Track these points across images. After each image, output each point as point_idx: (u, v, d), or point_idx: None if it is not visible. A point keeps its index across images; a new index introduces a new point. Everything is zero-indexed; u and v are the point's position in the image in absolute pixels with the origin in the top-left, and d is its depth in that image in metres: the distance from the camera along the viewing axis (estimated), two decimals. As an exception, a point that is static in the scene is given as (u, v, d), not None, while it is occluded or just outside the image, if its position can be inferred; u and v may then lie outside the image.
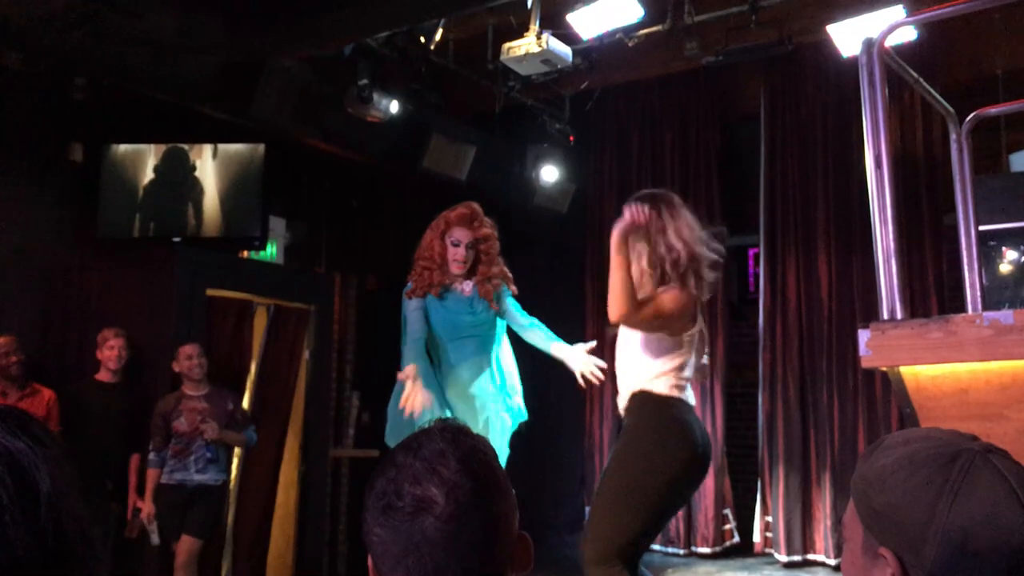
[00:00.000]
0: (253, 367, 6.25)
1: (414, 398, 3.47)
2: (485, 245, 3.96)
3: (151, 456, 5.10)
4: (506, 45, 5.47)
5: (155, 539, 5.02)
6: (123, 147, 5.97)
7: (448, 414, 3.86)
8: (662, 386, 3.05)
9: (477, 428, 3.74)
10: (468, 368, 3.91)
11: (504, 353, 4.11)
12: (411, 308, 3.94)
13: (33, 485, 0.78)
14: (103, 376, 5.30)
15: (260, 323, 6.34)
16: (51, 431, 0.89)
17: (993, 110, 3.39)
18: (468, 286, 3.93)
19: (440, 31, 5.79)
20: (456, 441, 1.12)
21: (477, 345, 3.94)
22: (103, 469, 5.12)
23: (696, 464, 3.03)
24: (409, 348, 3.87)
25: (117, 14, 4.65)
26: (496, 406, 3.98)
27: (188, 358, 5.22)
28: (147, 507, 5.04)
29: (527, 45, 5.37)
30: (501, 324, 4.06)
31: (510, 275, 4.08)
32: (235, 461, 5.85)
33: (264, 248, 6.37)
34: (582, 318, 7.51)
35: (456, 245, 3.88)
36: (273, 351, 6.35)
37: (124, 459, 5.24)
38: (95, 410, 5.18)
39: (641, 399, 3.08)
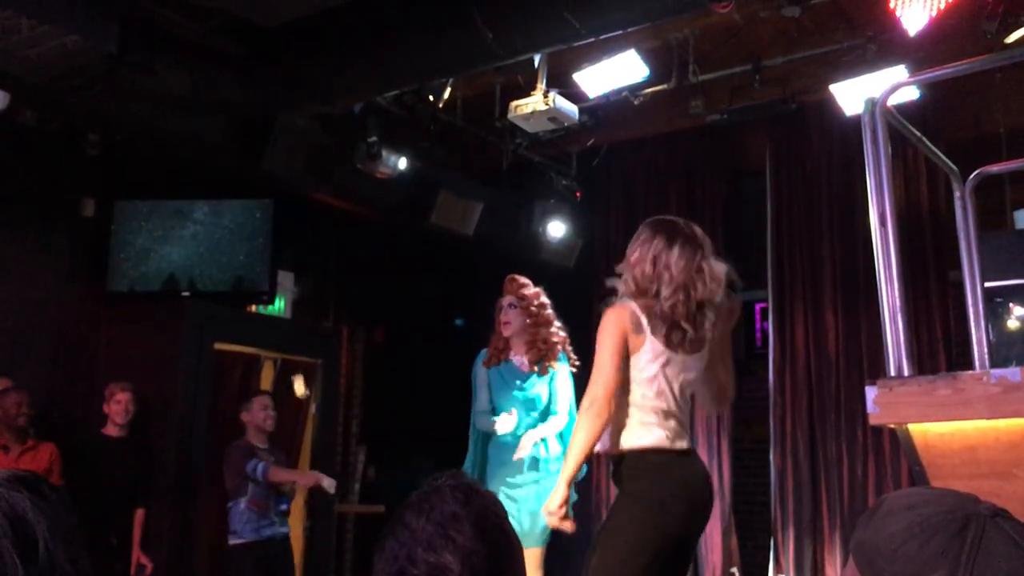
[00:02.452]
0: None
1: None
2: (525, 303, 4.20)
3: (258, 467, 4.95)
4: (513, 103, 5.55)
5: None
6: (134, 202, 6.04)
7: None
8: (646, 438, 2.76)
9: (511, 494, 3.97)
10: (510, 438, 4.16)
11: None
12: (478, 379, 4.28)
13: (32, 537, 0.83)
14: (110, 430, 5.27)
15: (267, 377, 6.34)
16: (57, 488, 0.94)
17: (996, 168, 3.42)
18: (527, 359, 4.19)
19: (448, 90, 5.88)
20: (468, 502, 1.10)
21: (522, 417, 4.16)
22: (108, 524, 5.08)
23: (683, 520, 2.74)
24: (472, 430, 4.36)
25: (131, 72, 4.74)
26: (532, 477, 4.13)
27: (263, 408, 5.17)
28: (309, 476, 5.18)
29: (534, 103, 5.45)
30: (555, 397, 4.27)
31: (565, 345, 4.31)
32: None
33: (273, 302, 6.40)
34: (588, 371, 7.48)
35: (499, 311, 4.19)
36: (279, 405, 6.33)
37: (129, 514, 5.20)
38: (101, 464, 5.14)
39: (629, 460, 2.78)
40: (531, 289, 4.27)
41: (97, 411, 5.37)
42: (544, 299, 4.28)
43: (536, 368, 4.16)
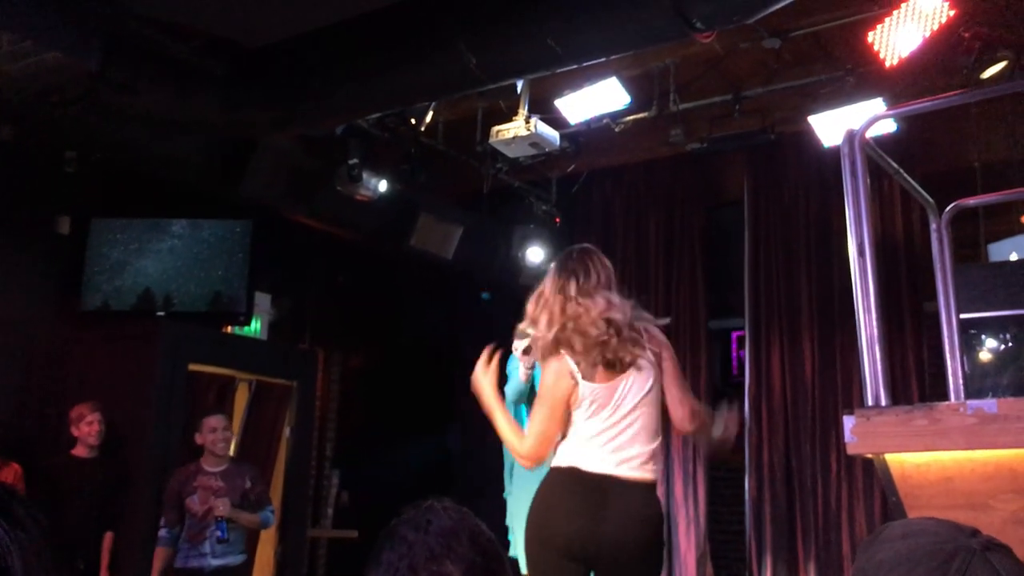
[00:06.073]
0: (233, 443, 6.17)
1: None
2: None
3: (161, 532, 4.84)
4: (495, 128, 5.57)
5: None
6: (110, 220, 5.98)
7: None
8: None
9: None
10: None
11: None
12: (524, 366, 3.86)
13: (4, 567, 0.78)
14: (80, 451, 5.17)
15: (241, 399, 6.29)
16: (35, 511, 0.88)
17: (972, 201, 3.46)
18: None
19: (430, 113, 5.90)
20: (463, 519, 1.15)
21: None
22: (75, 548, 4.98)
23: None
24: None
25: (112, 90, 4.71)
26: None
27: (212, 430, 5.00)
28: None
29: (515, 128, 5.47)
30: None
31: None
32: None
33: (249, 323, 6.35)
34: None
35: None
36: (253, 427, 6.29)
37: (97, 537, 5.11)
38: (70, 486, 5.03)
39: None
40: None
41: (67, 432, 5.27)
42: None
43: None
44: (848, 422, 2.31)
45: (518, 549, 3.35)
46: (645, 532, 2.83)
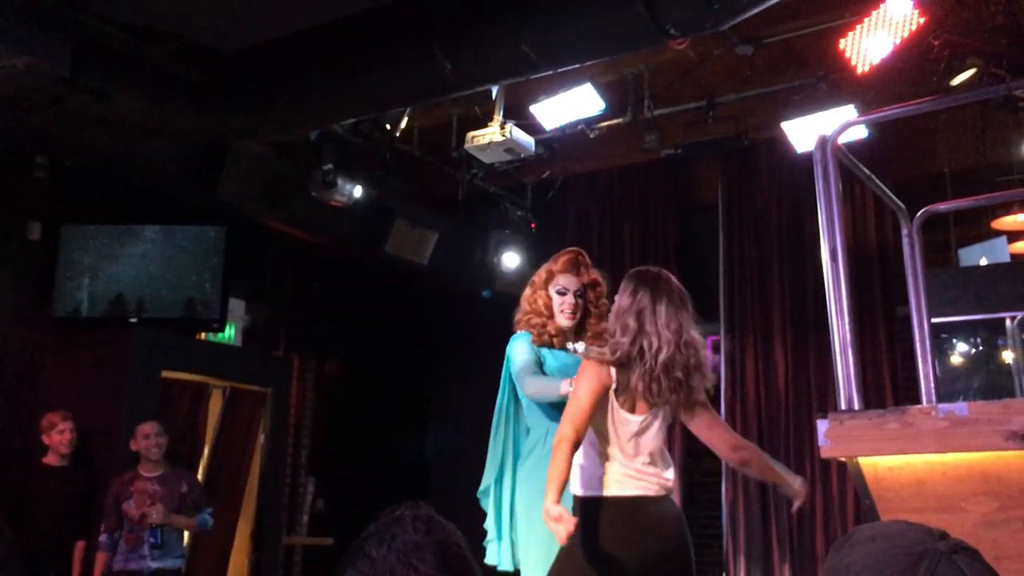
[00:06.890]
0: (206, 450, 6.12)
1: None
2: (594, 293, 3.58)
3: (102, 538, 4.85)
4: (470, 134, 5.57)
5: None
6: (82, 226, 5.92)
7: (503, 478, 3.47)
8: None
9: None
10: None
11: None
12: (528, 351, 3.45)
13: None
14: (51, 460, 5.12)
15: (215, 405, 6.24)
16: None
17: (942, 207, 3.50)
18: (580, 347, 3.43)
19: (406, 119, 5.88)
20: (430, 531, 1.09)
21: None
22: (46, 557, 4.93)
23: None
24: (495, 433, 3.53)
25: (85, 96, 4.67)
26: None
27: (146, 437, 5.01)
28: None
29: (491, 134, 5.48)
30: None
31: None
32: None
33: (223, 330, 6.31)
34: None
35: (563, 293, 3.49)
36: (227, 434, 6.23)
37: (68, 546, 5.05)
38: (41, 495, 4.99)
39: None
40: (599, 275, 3.65)
41: (38, 440, 5.21)
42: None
43: None
44: (822, 426, 2.33)
45: (526, 554, 3.18)
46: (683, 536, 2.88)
